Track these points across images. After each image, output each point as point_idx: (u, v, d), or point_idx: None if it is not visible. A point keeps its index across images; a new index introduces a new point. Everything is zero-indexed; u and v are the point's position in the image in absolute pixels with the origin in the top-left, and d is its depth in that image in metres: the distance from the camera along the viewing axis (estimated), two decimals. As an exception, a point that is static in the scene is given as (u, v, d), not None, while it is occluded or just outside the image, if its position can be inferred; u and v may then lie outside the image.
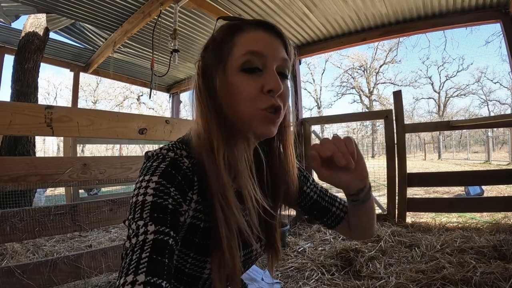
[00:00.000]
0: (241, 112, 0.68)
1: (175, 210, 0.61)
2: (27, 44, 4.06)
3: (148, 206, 0.58)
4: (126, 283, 0.48)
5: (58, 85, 35.95)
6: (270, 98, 0.67)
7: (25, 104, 2.05)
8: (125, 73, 6.23)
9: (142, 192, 0.60)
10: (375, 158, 19.78)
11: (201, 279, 0.75)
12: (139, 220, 0.57)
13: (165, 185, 0.61)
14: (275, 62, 0.69)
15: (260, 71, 0.68)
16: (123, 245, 0.58)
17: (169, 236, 0.56)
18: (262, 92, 0.67)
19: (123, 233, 3.44)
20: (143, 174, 0.64)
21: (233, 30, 0.71)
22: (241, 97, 0.67)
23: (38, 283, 1.75)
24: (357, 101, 38.38)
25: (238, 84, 0.67)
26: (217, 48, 0.72)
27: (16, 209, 1.74)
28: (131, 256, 0.52)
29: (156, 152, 0.70)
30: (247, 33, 0.69)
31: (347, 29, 4.07)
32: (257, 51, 0.67)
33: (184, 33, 4.18)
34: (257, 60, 0.67)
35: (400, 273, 2.01)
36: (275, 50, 0.69)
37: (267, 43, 0.69)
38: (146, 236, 0.54)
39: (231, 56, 0.69)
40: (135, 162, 2.17)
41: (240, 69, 0.67)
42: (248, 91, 0.67)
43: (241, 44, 0.68)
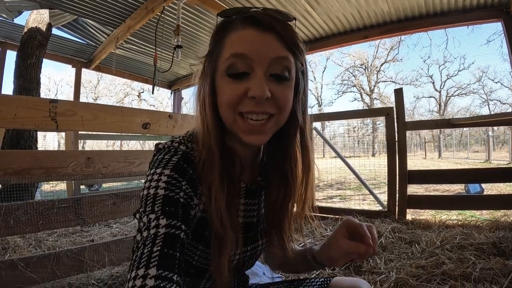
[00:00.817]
0: (225, 117, 0.66)
1: (186, 204, 0.61)
2: (29, 39, 4.06)
3: (160, 200, 0.58)
4: (138, 277, 0.48)
5: (59, 82, 35.96)
6: (252, 102, 0.62)
7: (30, 98, 2.07)
8: (127, 69, 6.25)
9: (154, 185, 0.60)
10: (375, 156, 19.81)
11: (207, 271, 0.75)
12: (151, 213, 0.57)
13: (177, 179, 0.62)
14: (263, 64, 0.62)
15: (247, 74, 0.62)
16: (134, 237, 0.58)
17: (180, 230, 0.57)
18: (247, 97, 0.62)
19: (125, 228, 3.45)
20: (154, 167, 0.64)
21: (224, 29, 0.67)
22: (223, 102, 0.65)
23: (41, 276, 1.76)
24: (358, 99, 38.52)
25: (222, 88, 0.65)
26: (211, 49, 0.70)
27: (20, 202, 1.74)
28: (143, 250, 0.53)
29: (167, 145, 0.69)
30: (233, 32, 0.64)
31: (349, 26, 4.08)
32: (240, 54, 0.62)
33: (186, 29, 4.19)
34: (243, 64, 0.62)
35: (400, 268, 2.02)
36: (264, 49, 0.62)
37: (254, 43, 0.62)
38: (157, 229, 0.54)
39: (219, 60, 0.65)
40: (138, 157, 2.18)
41: (225, 74, 0.64)
42: (228, 95, 0.63)
43: (227, 45, 0.64)
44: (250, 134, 0.65)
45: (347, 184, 7.85)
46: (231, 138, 0.71)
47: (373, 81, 37.17)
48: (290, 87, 0.67)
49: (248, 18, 0.63)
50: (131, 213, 2.16)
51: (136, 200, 2.16)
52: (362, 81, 38.06)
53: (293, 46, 0.65)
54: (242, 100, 0.63)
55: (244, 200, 0.78)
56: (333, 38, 4.29)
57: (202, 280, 0.77)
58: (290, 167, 0.77)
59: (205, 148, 0.67)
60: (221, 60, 0.64)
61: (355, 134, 30.39)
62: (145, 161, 2.19)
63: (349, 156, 11.91)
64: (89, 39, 5.01)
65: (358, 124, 34.27)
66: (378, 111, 4.29)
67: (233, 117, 0.65)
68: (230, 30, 0.65)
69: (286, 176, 0.77)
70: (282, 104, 0.65)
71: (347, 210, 3.65)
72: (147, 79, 6.62)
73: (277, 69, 0.63)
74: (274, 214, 0.80)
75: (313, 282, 0.89)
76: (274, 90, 0.63)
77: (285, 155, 0.76)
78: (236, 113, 0.64)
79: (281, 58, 0.63)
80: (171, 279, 0.50)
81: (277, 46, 0.63)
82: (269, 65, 0.62)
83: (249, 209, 0.80)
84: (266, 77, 0.62)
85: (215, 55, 0.67)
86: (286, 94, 0.66)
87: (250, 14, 0.64)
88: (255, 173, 0.81)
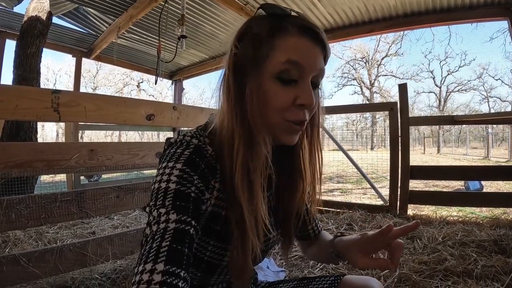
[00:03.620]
0: (268, 118, 0.67)
1: (197, 199, 0.61)
2: (29, 28, 4.00)
3: (171, 194, 0.58)
4: (145, 271, 0.48)
5: (58, 71, 35.72)
6: (299, 112, 0.66)
7: (32, 88, 2.04)
8: (128, 59, 6.20)
9: (165, 179, 0.60)
10: (374, 150, 19.85)
11: (219, 266, 0.75)
12: (161, 207, 0.57)
13: (188, 173, 0.61)
14: (311, 74, 0.66)
15: (295, 81, 0.65)
16: (143, 231, 0.58)
17: (190, 226, 0.56)
18: (293, 104, 0.65)
19: (126, 220, 3.45)
20: (166, 161, 0.64)
21: (276, 30, 0.65)
22: (272, 106, 0.66)
23: (43, 271, 1.74)
24: (358, 92, 38.41)
25: (271, 92, 0.65)
26: (254, 46, 0.66)
27: (22, 196, 1.72)
28: (151, 244, 0.52)
29: (179, 139, 0.69)
30: (290, 37, 0.64)
31: (354, 20, 4.04)
32: (298, 62, 0.64)
33: (190, 19, 4.14)
34: (295, 71, 0.64)
35: (403, 264, 2.03)
36: (315, 61, 0.66)
37: (309, 54, 0.65)
38: (167, 224, 0.54)
39: (269, 60, 0.65)
40: (142, 149, 2.16)
41: (275, 77, 0.64)
42: (281, 101, 0.65)
43: (282, 49, 0.64)
44: (290, 134, 0.69)
45: (347, 177, 7.87)
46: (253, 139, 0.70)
47: (374, 74, 37.07)
48: (319, 95, 0.74)
49: (305, 28, 0.66)
50: (134, 206, 2.14)
51: (139, 193, 2.14)
52: (363, 75, 37.98)
53: (327, 59, 0.72)
54: (289, 107, 0.66)
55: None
56: (338, 31, 4.24)
57: (214, 275, 0.77)
58: (301, 162, 0.78)
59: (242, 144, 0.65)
60: (273, 62, 0.65)
61: (354, 127, 30.43)
62: (149, 153, 2.17)
63: (348, 149, 12.01)
64: (90, 28, 4.95)
65: (357, 117, 34.28)
66: (382, 105, 4.28)
67: (278, 121, 0.67)
68: (286, 34, 0.65)
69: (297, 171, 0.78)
70: (315, 109, 0.71)
71: (349, 204, 3.66)
72: (149, 69, 6.57)
73: (316, 79, 0.69)
74: (283, 208, 0.81)
75: (323, 280, 0.89)
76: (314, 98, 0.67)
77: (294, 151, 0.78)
78: (283, 119, 0.67)
79: (322, 70, 0.69)
80: (178, 275, 0.50)
81: (321, 59, 0.68)
82: (314, 75, 0.67)
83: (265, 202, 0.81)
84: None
85: (263, 54, 0.65)
86: (317, 102, 0.72)
87: (307, 25, 0.66)
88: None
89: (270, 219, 0.84)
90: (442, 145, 26.43)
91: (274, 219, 0.85)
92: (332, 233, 0.93)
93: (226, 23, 4.44)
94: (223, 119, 0.69)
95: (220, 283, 0.81)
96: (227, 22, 4.40)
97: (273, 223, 0.84)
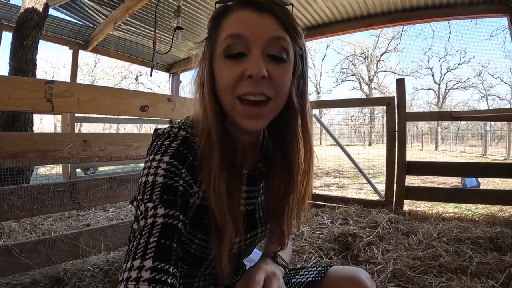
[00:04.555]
0: (224, 101, 0.65)
1: (185, 192, 0.60)
2: (26, 20, 3.95)
3: (158, 188, 0.57)
4: (133, 268, 0.48)
5: (56, 64, 35.53)
6: (249, 83, 0.61)
7: (25, 79, 2.02)
8: (125, 52, 6.16)
9: (152, 172, 0.59)
10: (372, 146, 19.90)
11: (206, 260, 0.74)
12: (148, 202, 0.56)
13: (176, 166, 0.60)
14: (260, 44, 0.61)
15: (245, 56, 0.61)
16: (131, 226, 0.57)
17: (179, 220, 0.55)
18: (245, 77, 0.61)
19: (121, 212, 3.44)
20: (153, 153, 0.62)
21: (221, 13, 0.66)
22: (222, 84, 0.64)
23: (36, 262, 1.73)
24: (357, 88, 38.37)
25: (220, 71, 0.64)
26: (209, 34, 0.68)
27: (14, 187, 1.70)
28: (139, 240, 0.52)
29: (167, 130, 0.67)
30: (230, 15, 0.64)
31: (353, 14, 4.01)
32: (237, 34, 0.61)
33: (186, 11, 4.10)
34: (240, 44, 0.61)
35: (397, 259, 2.02)
36: (261, 29, 0.61)
37: (250, 23, 0.61)
38: (155, 219, 0.53)
39: (217, 43, 0.65)
40: (136, 140, 2.14)
41: (223, 55, 0.63)
42: (227, 77, 0.62)
43: (224, 28, 0.64)
44: (248, 118, 0.63)
45: (344, 172, 7.88)
46: (232, 124, 0.69)
47: (373, 70, 37.03)
48: (288, 69, 0.66)
49: (245, 1, 0.63)
50: (127, 198, 2.13)
51: (133, 184, 2.13)
52: (362, 70, 37.93)
53: (291, 27, 0.64)
54: (239, 81, 0.62)
55: (246, 187, 0.77)
56: (337, 25, 4.21)
57: (200, 268, 0.76)
58: (292, 154, 0.74)
59: (204, 134, 0.65)
60: (219, 43, 0.64)
61: (352, 123, 30.40)
62: (143, 145, 2.15)
63: (346, 145, 12.04)
64: (87, 20, 4.91)
65: (356, 113, 34.22)
66: (379, 100, 4.26)
67: (232, 102, 0.63)
68: (228, 13, 0.64)
69: (288, 163, 0.75)
70: (279, 85, 0.63)
71: (345, 199, 3.65)
72: (146, 61, 6.53)
73: (274, 50, 0.63)
74: (275, 202, 0.78)
75: (309, 271, 0.88)
76: (271, 71, 0.62)
77: (287, 141, 0.74)
78: (235, 97, 0.63)
79: (278, 38, 0.62)
80: (167, 271, 0.49)
81: (274, 26, 0.62)
82: (266, 45, 0.61)
83: (250, 196, 0.79)
84: (263, 57, 0.61)
85: (213, 39, 0.66)
86: (283, 75, 0.64)
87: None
88: (256, 160, 0.80)
89: (259, 214, 0.83)
90: (440, 142, 26.50)
91: (263, 214, 0.83)
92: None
93: (224, 15, 4.39)
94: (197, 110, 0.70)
95: (207, 275, 0.81)
96: (225, 14, 4.36)
97: (262, 218, 0.83)
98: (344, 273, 0.82)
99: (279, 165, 0.76)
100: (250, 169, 0.77)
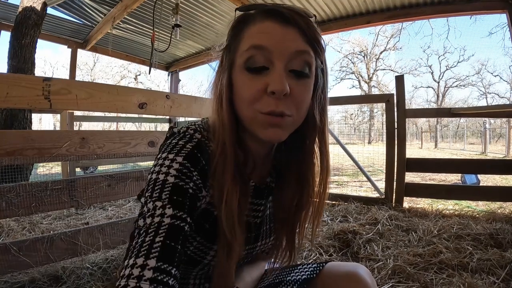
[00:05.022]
0: (243, 113, 0.63)
1: (194, 195, 0.59)
2: (24, 19, 3.94)
3: (169, 187, 0.56)
4: (136, 265, 0.47)
5: (55, 64, 35.47)
6: (270, 100, 0.59)
7: (23, 76, 2.00)
8: (123, 50, 6.15)
9: (164, 171, 0.58)
10: (371, 144, 19.91)
11: (200, 263, 0.73)
12: (157, 200, 0.55)
13: (188, 168, 0.60)
14: (283, 58, 0.59)
15: (267, 69, 0.59)
16: (135, 222, 0.56)
17: (185, 222, 0.55)
18: (266, 93, 0.59)
19: (120, 211, 3.43)
20: (167, 151, 0.62)
21: (243, 22, 0.64)
22: (242, 98, 0.62)
23: (34, 260, 1.73)
24: (356, 86, 38.30)
25: (240, 84, 0.62)
26: (228, 43, 0.67)
27: (12, 184, 1.70)
28: (144, 238, 0.51)
29: (183, 130, 0.67)
30: (253, 25, 0.62)
31: (351, 11, 4.00)
32: (260, 45, 0.59)
33: (185, 9, 4.08)
34: (261, 57, 0.59)
35: (397, 256, 2.01)
36: (285, 42, 0.59)
37: (274, 35, 0.59)
38: (162, 219, 0.53)
39: (237, 53, 0.63)
40: (134, 137, 2.12)
41: (244, 67, 0.61)
42: (249, 91, 0.60)
43: (246, 38, 0.62)
44: (268, 127, 0.61)
45: (344, 170, 7.87)
46: (246, 135, 0.68)
47: (372, 68, 37.00)
48: (309, 86, 0.64)
49: (269, 11, 0.61)
50: (126, 195, 2.13)
51: (131, 182, 2.12)
52: (361, 69, 37.89)
53: (314, 41, 0.62)
54: (261, 97, 0.60)
55: (251, 199, 0.75)
56: (335, 22, 4.19)
57: (195, 269, 0.76)
58: (308, 170, 0.73)
59: (220, 144, 0.64)
60: (239, 53, 0.62)
61: (351, 121, 30.42)
62: (141, 142, 2.14)
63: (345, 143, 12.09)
64: (85, 19, 4.90)
65: (355, 111, 34.27)
66: (379, 97, 4.27)
67: (252, 114, 0.61)
68: (249, 23, 0.63)
69: (303, 179, 0.74)
70: (300, 103, 0.62)
71: (344, 196, 3.64)
72: (144, 60, 6.51)
73: (297, 65, 0.60)
74: (287, 217, 0.77)
75: (305, 267, 0.86)
76: (293, 88, 0.60)
77: (303, 157, 0.73)
78: (256, 111, 0.61)
79: (301, 52, 0.60)
80: (169, 272, 0.49)
81: (298, 40, 0.60)
82: (289, 59, 0.59)
83: (254, 209, 0.77)
84: (285, 72, 0.59)
85: (232, 48, 0.65)
86: (304, 92, 0.62)
87: (270, 8, 0.62)
88: (265, 174, 0.78)
89: (267, 226, 0.83)
90: (440, 140, 26.51)
91: (268, 227, 0.83)
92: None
93: (222, 13, 4.38)
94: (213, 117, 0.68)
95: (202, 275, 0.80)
96: (223, 12, 4.34)
97: (265, 232, 0.83)
98: (342, 269, 0.80)
99: (292, 180, 0.74)
100: (258, 182, 0.76)
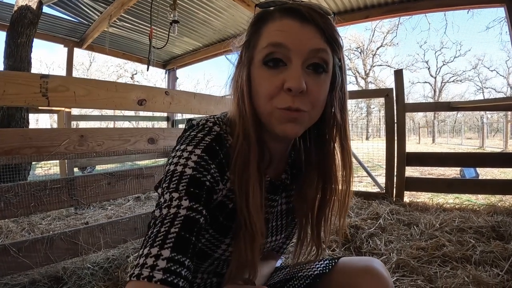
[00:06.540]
0: (261, 108, 0.64)
1: (211, 188, 0.60)
2: (20, 18, 3.90)
3: (186, 179, 0.57)
4: (150, 255, 0.48)
5: (51, 65, 35.27)
6: (287, 97, 0.60)
7: (20, 73, 1.98)
8: (120, 49, 6.10)
9: (182, 163, 0.59)
10: (369, 140, 19.94)
11: (211, 257, 0.73)
12: (174, 191, 0.56)
13: (206, 161, 0.60)
14: (301, 56, 0.60)
15: (284, 65, 0.61)
16: (152, 213, 0.57)
17: (201, 215, 0.55)
18: (283, 90, 0.60)
19: (120, 210, 3.41)
20: (185, 143, 0.62)
21: (262, 20, 0.65)
22: (260, 93, 0.63)
23: (34, 261, 1.71)
24: (353, 82, 38.27)
25: (258, 79, 0.63)
26: (248, 39, 0.68)
27: (11, 184, 1.67)
28: (159, 228, 0.52)
29: (202, 122, 0.67)
30: (271, 22, 0.63)
31: (349, 5, 3.98)
32: (278, 43, 0.60)
33: (182, 6, 4.05)
34: (280, 54, 0.60)
35: (400, 250, 2.02)
36: (303, 40, 0.60)
37: (292, 33, 0.60)
38: (178, 210, 0.53)
39: (256, 49, 0.64)
40: (133, 134, 2.10)
41: (262, 63, 0.62)
42: (267, 87, 0.61)
43: (265, 35, 0.63)
44: (285, 122, 0.62)
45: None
46: (263, 130, 0.68)
47: (369, 64, 37.02)
48: (326, 82, 0.65)
49: (288, 9, 0.62)
50: (126, 194, 2.11)
51: (131, 179, 2.10)
52: (358, 65, 37.88)
53: (332, 39, 0.63)
54: (278, 93, 0.61)
55: (266, 194, 0.74)
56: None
57: (205, 263, 0.76)
58: (330, 166, 0.74)
59: (241, 136, 0.65)
60: (258, 50, 0.63)
61: (349, 117, 30.35)
62: (141, 139, 2.12)
63: (344, 140, 12.23)
64: (81, 17, 4.85)
65: (352, 107, 34.26)
66: (378, 92, 4.25)
67: (270, 109, 0.62)
68: (268, 20, 0.64)
69: (326, 176, 0.75)
70: (315, 99, 0.63)
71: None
72: (142, 58, 6.47)
73: (317, 61, 0.62)
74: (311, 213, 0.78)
75: (317, 263, 0.85)
76: (309, 84, 0.60)
77: (325, 154, 0.74)
78: (274, 107, 0.62)
79: (319, 50, 0.61)
80: (183, 263, 0.49)
81: (316, 37, 0.61)
82: (306, 57, 0.60)
83: (267, 204, 0.77)
84: (303, 69, 0.60)
85: (252, 44, 0.66)
86: (320, 90, 0.63)
87: (289, 6, 0.62)
88: (281, 170, 0.79)
89: (278, 223, 0.83)
90: (437, 135, 26.58)
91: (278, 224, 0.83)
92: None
93: (219, 9, 4.34)
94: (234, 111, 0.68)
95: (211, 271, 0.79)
96: (220, 9, 4.31)
97: (274, 228, 0.83)
98: (356, 264, 0.81)
99: (315, 177, 0.75)
100: (273, 178, 0.76)
